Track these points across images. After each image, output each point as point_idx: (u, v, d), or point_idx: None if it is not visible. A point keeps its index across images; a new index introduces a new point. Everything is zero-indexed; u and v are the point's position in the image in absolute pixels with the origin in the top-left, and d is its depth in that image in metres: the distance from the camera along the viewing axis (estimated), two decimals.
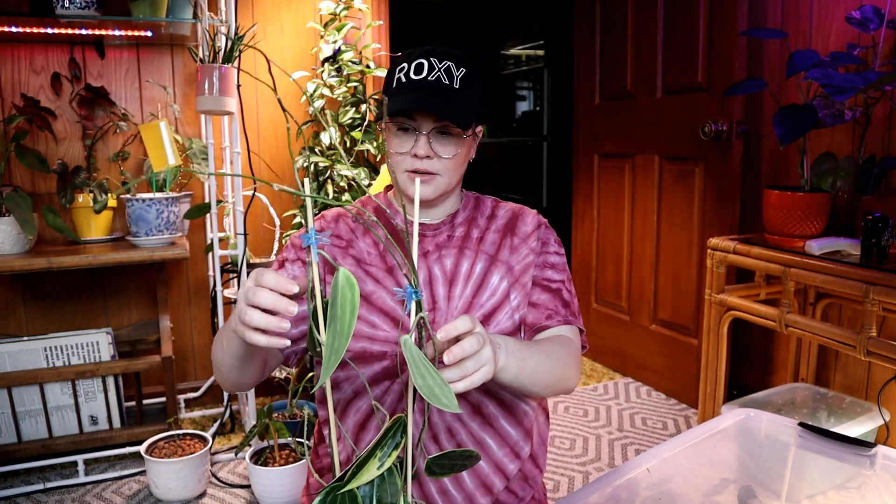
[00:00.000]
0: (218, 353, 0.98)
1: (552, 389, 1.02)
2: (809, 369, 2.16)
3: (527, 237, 1.13)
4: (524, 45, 5.19)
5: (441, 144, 1.04)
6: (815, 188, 1.85)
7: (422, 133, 1.03)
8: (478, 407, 1.06)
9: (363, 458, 0.70)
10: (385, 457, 0.71)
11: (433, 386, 0.65)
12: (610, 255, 2.97)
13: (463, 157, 1.08)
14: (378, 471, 0.70)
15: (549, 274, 1.11)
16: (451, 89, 1.02)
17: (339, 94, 2.43)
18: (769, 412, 1.15)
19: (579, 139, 3.10)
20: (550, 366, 0.98)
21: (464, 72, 1.04)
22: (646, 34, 2.64)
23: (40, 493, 1.99)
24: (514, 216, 1.16)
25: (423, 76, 1.02)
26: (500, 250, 1.12)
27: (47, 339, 2.07)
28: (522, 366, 0.92)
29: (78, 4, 1.95)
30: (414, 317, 0.72)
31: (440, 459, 0.79)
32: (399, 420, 0.73)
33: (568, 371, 1.03)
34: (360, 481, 0.69)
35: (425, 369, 0.66)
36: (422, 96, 1.01)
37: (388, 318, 1.06)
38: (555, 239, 1.15)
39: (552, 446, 2.26)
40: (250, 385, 1.03)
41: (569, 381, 1.04)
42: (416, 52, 1.05)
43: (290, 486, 1.88)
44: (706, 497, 1.13)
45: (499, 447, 1.07)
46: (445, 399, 0.65)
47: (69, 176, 2.13)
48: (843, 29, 2.00)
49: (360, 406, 1.08)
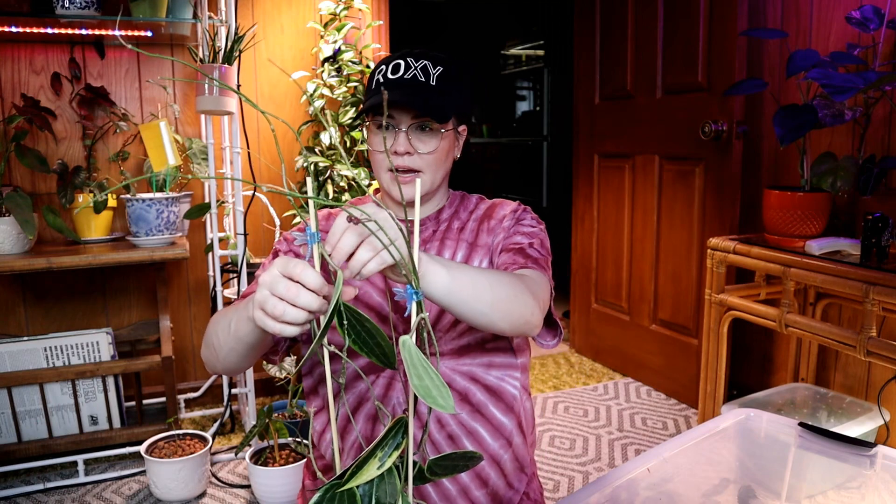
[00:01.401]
0: (220, 335, 0.93)
1: (504, 313, 0.91)
2: (809, 369, 2.16)
3: (502, 219, 1.14)
4: (524, 45, 5.19)
5: (420, 140, 1.06)
6: (815, 188, 1.85)
7: (400, 129, 1.05)
8: (465, 395, 1.06)
9: (364, 458, 0.70)
10: (385, 457, 0.70)
11: (430, 387, 0.64)
12: (610, 255, 2.97)
13: (444, 153, 1.09)
14: (378, 471, 0.69)
15: (516, 238, 1.11)
16: (427, 86, 1.04)
17: (339, 94, 2.43)
18: (769, 412, 1.15)
19: (579, 139, 3.10)
20: (493, 281, 0.90)
21: (441, 70, 1.06)
22: (646, 34, 2.64)
23: (40, 493, 1.99)
24: (493, 205, 1.18)
25: (400, 75, 1.05)
26: (478, 236, 1.13)
27: (47, 339, 2.07)
28: (455, 276, 0.84)
29: (78, 4, 1.95)
30: (415, 318, 0.70)
31: (442, 461, 0.78)
32: (401, 420, 0.72)
33: (518, 294, 0.93)
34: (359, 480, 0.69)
35: (423, 370, 0.65)
36: (397, 93, 1.03)
37: (374, 313, 1.07)
38: (532, 217, 1.15)
39: (552, 446, 2.27)
40: (241, 370, 1.00)
41: (524, 306, 0.94)
42: (395, 55, 1.08)
43: (290, 486, 1.88)
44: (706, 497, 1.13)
45: (493, 438, 1.07)
46: (442, 400, 0.64)
47: (69, 176, 2.13)
48: (843, 29, 2.00)
49: (346, 398, 1.09)
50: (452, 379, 1.06)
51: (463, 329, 1.07)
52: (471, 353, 1.08)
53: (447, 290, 0.83)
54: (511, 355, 1.11)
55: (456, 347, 1.07)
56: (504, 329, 0.93)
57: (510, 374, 1.09)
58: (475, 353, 1.08)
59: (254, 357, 0.98)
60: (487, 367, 1.08)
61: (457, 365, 1.07)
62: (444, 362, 1.07)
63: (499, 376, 1.09)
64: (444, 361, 1.07)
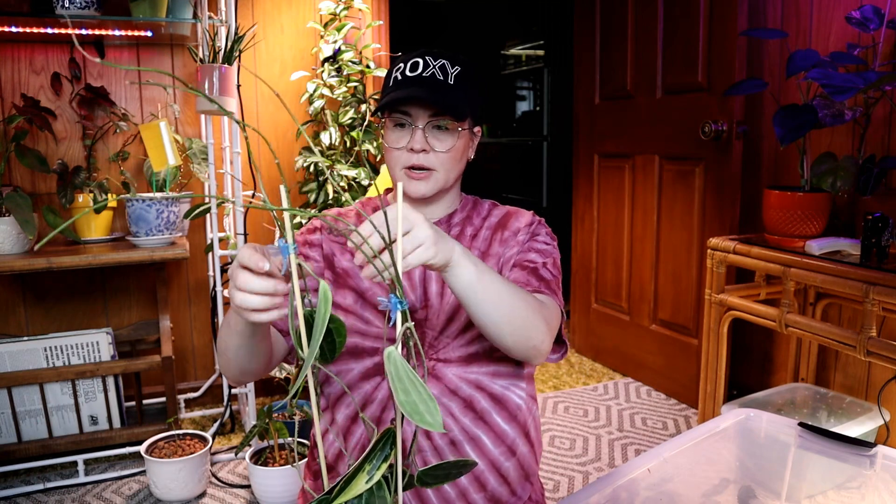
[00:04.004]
0: (224, 336, 0.96)
1: (517, 329, 0.93)
2: (809, 369, 2.16)
3: (517, 231, 1.13)
4: (524, 45, 5.19)
5: (437, 138, 1.05)
6: (815, 188, 1.85)
7: (417, 126, 1.04)
8: (469, 402, 1.06)
9: (351, 473, 0.67)
10: (374, 470, 0.68)
11: (417, 402, 0.61)
12: (610, 255, 2.97)
13: (460, 153, 1.08)
14: (367, 485, 0.67)
15: (531, 256, 1.10)
16: (446, 84, 1.04)
17: (339, 94, 2.43)
18: (769, 412, 1.15)
19: (579, 139, 3.10)
20: (514, 294, 0.92)
21: (459, 70, 1.06)
22: (646, 34, 2.64)
23: (40, 493, 1.99)
24: (508, 214, 1.16)
25: (419, 73, 1.05)
26: (491, 245, 1.12)
27: (47, 339, 2.07)
28: (482, 277, 0.88)
29: (78, 4, 1.95)
30: (400, 327, 0.67)
31: (433, 471, 0.75)
32: (388, 432, 0.69)
33: (534, 317, 0.95)
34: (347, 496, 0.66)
35: (410, 384, 0.62)
36: (416, 90, 1.04)
37: (381, 314, 1.07)
38: (547, 232, 1.15)
39: (552, 446, 2.27)
40: (257, 372, 1.00)
41: (536, 330, 0.95)
42: (413, 53, 1.08)
43: (289, 486, 1.88)
44: (706, 497, 1.13)
45: (494, 445, 1.07)
46: (430, 417, 0.60)
47: (69, 176, 2.13)
48: (843, 29, 2.00)
49: (350, 400, 1.09)
50: (458, 386, 1.06)
51: (471, 337, 1.07)
52: (478, 362, 1.07)
53: (471, 287, 0.87)
54: (517, 365, 1.11)
55: (464, 355, 1.07)
56: (508, 344, 0.95)
57: (515, 384, 1.09)
58: (483, 362, 1.07)
59: (263, 355, 0.98)
60: (494, 375, 1.08)
61: (464, 373, 1.06)
62: (451, 369, 1.06)
63: (504, 385, 1.08)
64: (451, 368, 1.06)
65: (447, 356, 1.06)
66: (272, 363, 1.04)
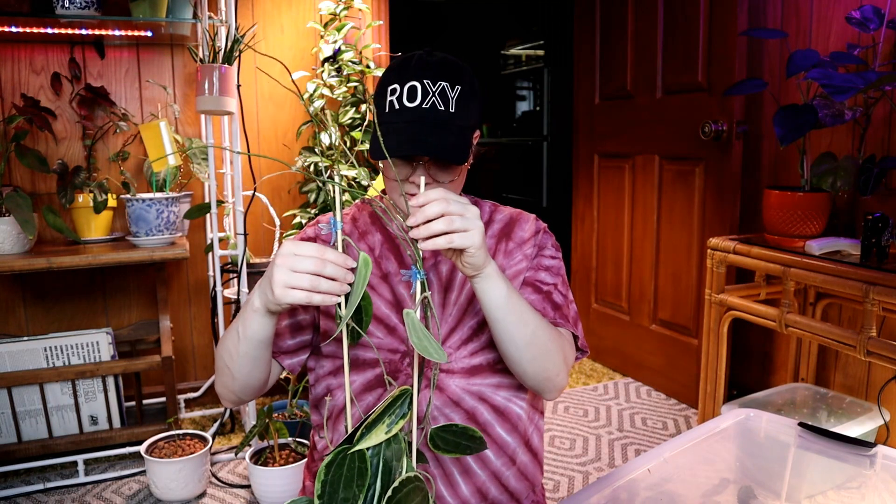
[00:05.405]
0: (231, 349, 0.95)
1: (536, 357, 0.96)
2: (809, 369, 2.16)
3: (523, 242, 1.11)
4: (524, 45, 5.19)
5: (439, 171, 1.01)
6: (815, 188, 1.85)
7: (419, 163, 0.99)
8: (472, 414, 1.06)
9: (372, 421, 0.76)
10: (393, 424, 0.77)
11: (427, 346, 0.74)
12: (610, 255, 2.97)
13: (464, 175, 1.06)
14: (386, 435, 0.76)
15: (542, 276, 1.09)
16: (447, 118, 0.96)
17: (339, 94, 2.43)
18: (769, 412, 1.15)
19: (579, 139, 3.10)
20: (538, 324, 0.95)
21: (459, 91, 0.97)
22: (646, 34, 2.64)
23: (40, 493, 1.99)
24: (511, 221, 1.13)
25: (417, 104, 0.95)
26: (494, 255, 1.10)
27: (47, 339, 2.07)
28: (511, 298, 0.92)
29: (78, 4, 1.95)
30: (419, 295, 0.80)
31: (444, 432, 0.83)
32: (405, 391, 0.77)
33: (554, 349, 0.97)
34: (368, 443, 0.75)
35: (423, 334, 0.75)
36: (416, 131, 0.95)
37: (381, 324, 1.06)
38: (552, 243, 1.13)
39: (552, 446, 2.27)
40: (257, 388, 1.02)
41: (553, 363, 0.98)
42: (409, 71, 0.97)
43: (290, 486, 1.88)
44: (706, 497, 1.13)
45: (496, 456, 1.07)
46: (436, 354, 0.74)
47: (69, 176, 2.13)
48: (843, 29, 2.00)
49: (353, 413, 1.08)
50: (461, 398, 1.05)
51: (474, 349, 1.06)
52: (482, 374, 1.06)
53: (498, 307, 0.91)
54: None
55: (468, 367, 1.06)
56: (525, 370, 0.98)
57: (517, 395, 1.09)
58: (486, 374, 1.07)
59: (266, 365, 0.99)
60: (496, 387, 1.07)
61: (467, 384, 1.05)
62: (454, 380, 1.05)
63: (506, 397, 1.08)
64: (454, 380, 1.05)
65: (450, 367, 1.06)
66: (269, 382, 1.06)
